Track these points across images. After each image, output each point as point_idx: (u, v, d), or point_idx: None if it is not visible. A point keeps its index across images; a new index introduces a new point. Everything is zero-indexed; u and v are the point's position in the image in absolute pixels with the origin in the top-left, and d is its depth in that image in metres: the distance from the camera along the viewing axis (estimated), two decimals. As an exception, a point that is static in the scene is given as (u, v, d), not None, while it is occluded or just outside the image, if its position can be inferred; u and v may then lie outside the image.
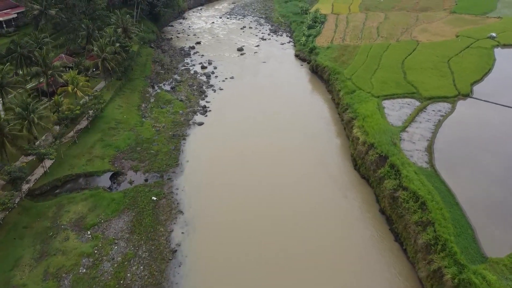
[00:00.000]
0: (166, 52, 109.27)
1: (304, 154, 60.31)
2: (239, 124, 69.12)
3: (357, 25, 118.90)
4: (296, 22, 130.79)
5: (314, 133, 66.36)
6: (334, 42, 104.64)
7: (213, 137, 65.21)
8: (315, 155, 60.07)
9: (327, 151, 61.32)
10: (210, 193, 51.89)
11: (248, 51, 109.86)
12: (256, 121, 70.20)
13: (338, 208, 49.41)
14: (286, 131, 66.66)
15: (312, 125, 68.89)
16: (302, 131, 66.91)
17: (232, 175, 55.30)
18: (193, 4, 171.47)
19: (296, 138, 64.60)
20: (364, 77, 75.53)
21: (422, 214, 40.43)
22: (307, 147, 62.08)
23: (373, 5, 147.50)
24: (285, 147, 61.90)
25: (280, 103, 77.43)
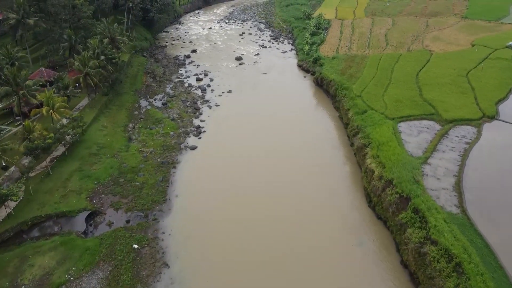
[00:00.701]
0: (159, 62, 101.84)
1: (310, 186, 52.82)
2: (236, 148, 61.65)
3: (363, 32, 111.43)
4: (299, 28, 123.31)
5: (321, 159, 58.87)
6: (340, 51, 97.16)
7: (206, 166, 57.72)
8: (322, 187, 52.58)
9: (336, 182, 53.82)
10: (202, 238, 44.41)
11: (247, 60, 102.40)
12: (256, 144, 62.73)
13: (351, 254, 41.96)
14: (289, 157, 59.18)
15: (318, 149, 61.40)
16: (307, 156, 59.44)
17: (227, 214, 47.84)
18: (190, 8, 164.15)
19: (301, 165, 57.11)
20: (375, 94, 68.01)
21: (458, 281, 32.95)
22: (313, 177, 54.57)
23: (379, 10, 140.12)
24: (288, 178, 54.44)
25: (282, 122, 69.95)
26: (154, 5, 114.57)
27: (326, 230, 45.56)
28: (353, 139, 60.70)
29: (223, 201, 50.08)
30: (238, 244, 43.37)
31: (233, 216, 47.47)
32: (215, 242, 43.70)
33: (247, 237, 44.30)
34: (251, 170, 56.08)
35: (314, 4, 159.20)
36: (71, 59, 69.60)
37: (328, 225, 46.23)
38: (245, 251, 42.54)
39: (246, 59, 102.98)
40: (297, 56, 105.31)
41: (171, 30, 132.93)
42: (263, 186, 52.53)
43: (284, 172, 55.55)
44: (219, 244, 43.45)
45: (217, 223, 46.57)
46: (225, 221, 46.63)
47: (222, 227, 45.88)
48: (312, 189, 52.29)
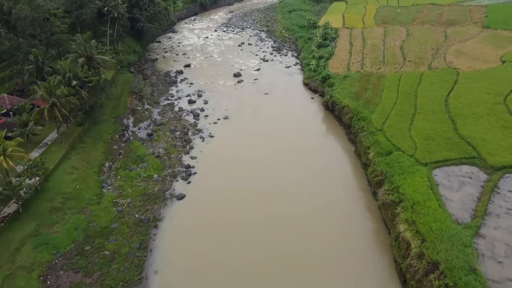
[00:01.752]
0: (148, 79, 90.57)
1: (323, 251, 41.63)
2: (232, 198, 50.44)
3: (376, 44, 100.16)
4: (303, 39, 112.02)
5: (336, 211, 47.73)
6: (351, 67, 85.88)
7: (196, 224, 46.48)
8: (339, 250, 41.42)
9: (357, 246, 42.58)
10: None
11: (246, 77, 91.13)
12: (256, 191, 51.55)
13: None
14: (298, 208, 48.03)
15: (333, 197, 50.23)
16: (320, 206, 48.30)
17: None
18: (185, 14, 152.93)
19: (311, 220, 45.93)
20: (400, 128, 56.71)
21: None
22: (327, 236, 43.39)
23: (390, 17, 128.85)
24: (297, 238, 43.26)
25: (287, 159, 58.78)
26: (144, 14, 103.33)
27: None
28: (376, 189, 49.41)
29: (216, 276, 38.85)
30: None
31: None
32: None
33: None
34: (251, 231, 44.85)
35: (319, 10, 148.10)
36: (34, 86, 58.37)
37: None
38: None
39: (245, 76, 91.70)
40: (302, 71, 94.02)
41: (163, 40, 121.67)
42: (269, 253, 41.31)
43: (293, 232, 44.33)
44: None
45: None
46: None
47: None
48: (329, 255, 41.07)
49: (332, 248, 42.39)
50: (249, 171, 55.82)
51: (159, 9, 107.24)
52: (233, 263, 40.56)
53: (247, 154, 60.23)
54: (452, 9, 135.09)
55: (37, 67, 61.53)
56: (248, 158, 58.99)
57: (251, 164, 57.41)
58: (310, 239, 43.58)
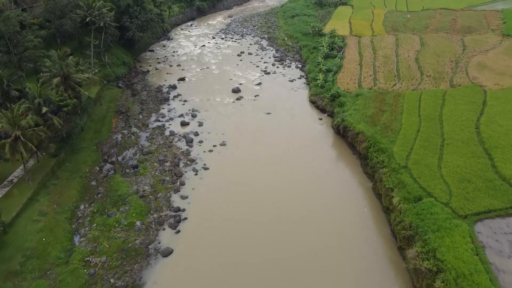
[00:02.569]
0: (137, 95, 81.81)
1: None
2: (229, 251, 41.80)
3: (388, 55, 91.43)
4: (308, 48, 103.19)
5: (352, 271, 39.10)
6: (363, 83, 77.18)
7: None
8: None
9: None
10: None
11: (246, 92, 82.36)
12: (259, 243, 42.93)
13: None
14: (304, 267, 39.40)
15: (348, 251, 41.59)
16: (331, 263, 39.66)
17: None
18: (182, 19, 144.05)
19: (328, 281, 37.37)
20: (428, 165, 48.03)
21: None
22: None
23: (400, 24, 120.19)
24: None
25: (293, 196, 50.21)
26: (134, 22, 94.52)
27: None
28: (403, 244, 40.71)
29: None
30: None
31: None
32: None
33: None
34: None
35: (323, 15, 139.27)
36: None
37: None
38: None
39: (245, 91, 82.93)
40: (308, 87, 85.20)
41: (157, 49, 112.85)
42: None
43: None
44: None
45: None
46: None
47: None
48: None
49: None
50: (249, 215, 47.12)
51: (152, 16, 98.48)
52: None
53: (246, 191, 51.59)
54: (466, 14, 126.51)
55: (1, 90, 52.80)
56: (248, 197, 50.32)
57: (251, 205, 48.74)
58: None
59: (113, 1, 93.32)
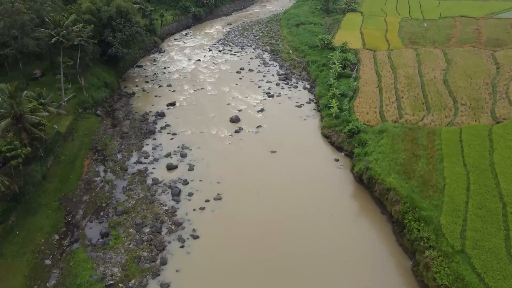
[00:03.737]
0: (118, 125, 69.38)
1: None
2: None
3: (410, 75, 78.99)
4: (317, 65, 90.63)
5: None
6: (386, 113, 64.78)
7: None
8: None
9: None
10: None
11: (247, 122, 69.90)
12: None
13: None
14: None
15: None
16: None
17: None
18: (176, 27, 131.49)
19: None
20: (493, 250, 35.57)
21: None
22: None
23: (418, 35, 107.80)
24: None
25: (306, 274, 37.80)
26: (117, 36, 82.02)
27: None
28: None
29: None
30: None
31: None
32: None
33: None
34: None
35: (331, 23, 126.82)
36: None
37: None
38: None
39: (245, 120, 70.49)
40: (319, 113, 72.76)
41: (146, 64, 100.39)
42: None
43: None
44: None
45: None
46: None
47: None
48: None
49: None
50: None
51: (138, 30, 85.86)
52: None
53: (247, 269, 39.17)
54: (489, 23, 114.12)
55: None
56: (249, 278, 37.92)
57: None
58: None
59: (92, 13, 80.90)
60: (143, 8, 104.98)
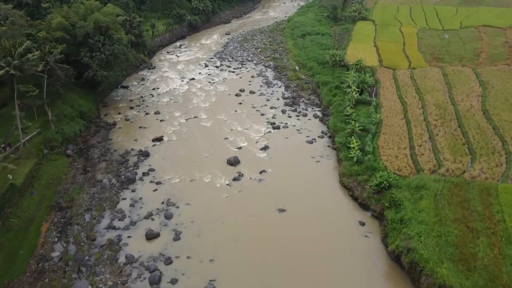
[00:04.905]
0: (91, 170, 56.98)
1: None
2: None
3: (441, 103, 66.74)
4: (329, 87, 78.21)
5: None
6: (420, 158, 52.39)
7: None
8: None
9: None
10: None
11: (248, 165, 57.48)
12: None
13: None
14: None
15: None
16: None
17: None
18: (169, 38, 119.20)
19: None
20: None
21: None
22: None
23: (441, 48, 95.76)
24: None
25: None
26: (96, 56, 69.69)
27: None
28: None
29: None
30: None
31: None
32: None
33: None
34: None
35: (340, 34, 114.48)
36: None
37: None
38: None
39: (246, 162, 58.09)
40: (334, 152, 60.40)
41: (133, 83, 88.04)
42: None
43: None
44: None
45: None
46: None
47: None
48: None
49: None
50: None
51: (121, 48, 73.34)
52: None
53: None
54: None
55: None
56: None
57: None
58: None
59: (66, 29, 68.60)
60: (130, 20, 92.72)
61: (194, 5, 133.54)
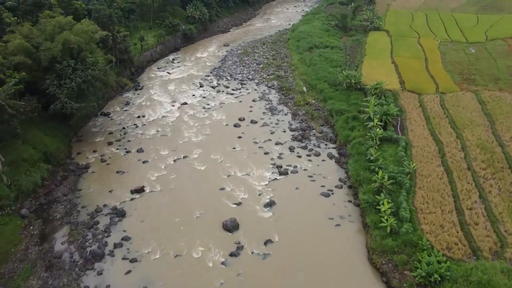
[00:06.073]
0: (49, 239, 44.68)
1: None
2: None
3: (487, 145, 54.41)
4: (344, 118, 65.94)
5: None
6: (474, 231, 40.07)
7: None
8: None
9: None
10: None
11: (249, 231, 45.24)
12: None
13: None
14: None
15: None
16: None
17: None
18: (160, 52, 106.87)
19: None
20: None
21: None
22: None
23: (469, 65, 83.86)
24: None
25: None
26: (65, 85, 57.41)
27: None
28: None
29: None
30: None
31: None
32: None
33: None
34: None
35: (352, 46, 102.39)
36: None
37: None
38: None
39: (246, 226, 45.90)
40: (356, 209, 48.15)
41: (115, 109, 75.86)
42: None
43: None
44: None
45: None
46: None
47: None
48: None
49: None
50: None
51: (97, 73, 60.86)
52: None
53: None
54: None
55: None
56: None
57: None
58: None
59: (27, 52, 56.41)
60: (114, 34, 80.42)
61: (189, 13, 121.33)
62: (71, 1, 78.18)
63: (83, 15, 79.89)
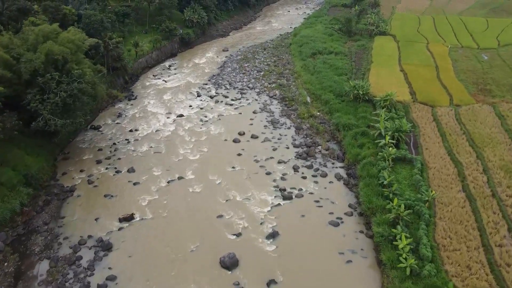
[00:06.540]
0: (24, 278, 39.69)
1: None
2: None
3: (509, 165, 49.38)
4: (353, 134, 61.03)
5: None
6: (508, 276, 35.00)
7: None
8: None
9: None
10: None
11: (249, 269, 40.34)
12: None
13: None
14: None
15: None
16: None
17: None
18: (156, 58, 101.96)
19: None
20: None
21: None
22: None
23: (484, 74, 79.36)
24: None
25: None
26: (49, 100, 52.48)
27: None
28: None
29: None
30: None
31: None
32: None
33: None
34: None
35: (357, 52, 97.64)
36: None
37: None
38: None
39: (246, 262, 41.01)
40: (369, 241, 43.22)
41: (107, 121, 70.98)
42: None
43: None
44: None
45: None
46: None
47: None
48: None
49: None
50: None
51: (83, 87, 55.81)
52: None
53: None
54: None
55: None
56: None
57: None
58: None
59: (7, 65, 51.49)
60: (106, 41, 75.48)
61: (187, 16, 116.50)
62: (60, 6, 73.13)
63: (72, 21, 75.04)
